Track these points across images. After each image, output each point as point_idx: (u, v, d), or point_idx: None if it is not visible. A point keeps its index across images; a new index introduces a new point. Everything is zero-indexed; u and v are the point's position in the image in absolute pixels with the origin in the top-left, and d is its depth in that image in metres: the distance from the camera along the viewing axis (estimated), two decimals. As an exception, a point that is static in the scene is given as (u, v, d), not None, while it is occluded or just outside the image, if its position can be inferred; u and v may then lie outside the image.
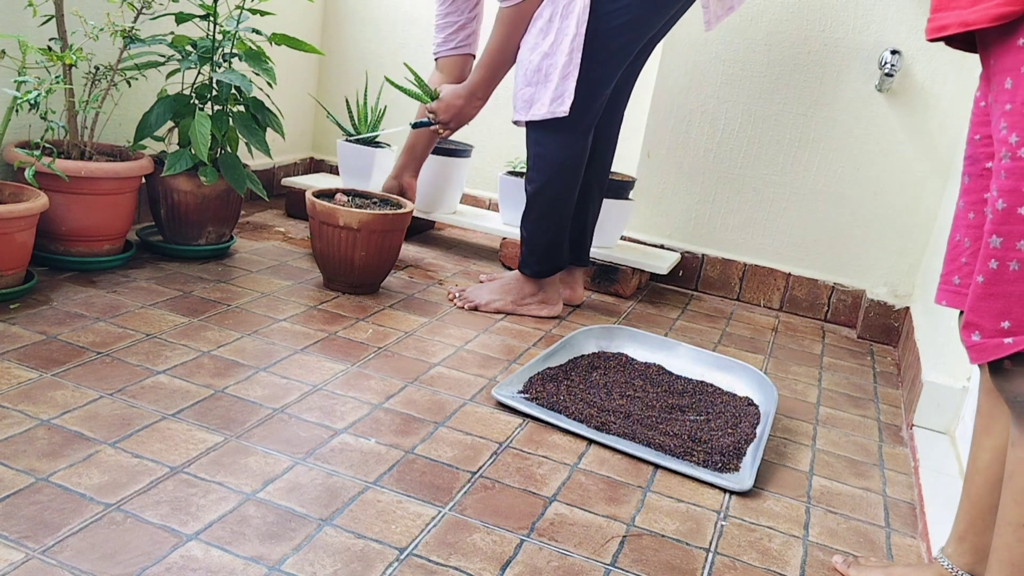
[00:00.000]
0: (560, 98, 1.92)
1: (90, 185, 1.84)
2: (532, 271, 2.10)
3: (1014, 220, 0.90)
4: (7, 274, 1.66)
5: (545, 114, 1.94)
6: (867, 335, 2.39)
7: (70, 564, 0.98)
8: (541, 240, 2.07)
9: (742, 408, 1.68)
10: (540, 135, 1.99)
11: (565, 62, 1.90)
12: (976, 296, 0.95)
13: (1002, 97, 0.92)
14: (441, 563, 1.09)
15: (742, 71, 2.43)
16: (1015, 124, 0.89)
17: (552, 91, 1.92)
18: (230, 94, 2.04)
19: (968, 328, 0.97)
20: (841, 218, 2.44)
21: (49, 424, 1.27)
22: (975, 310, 0.96)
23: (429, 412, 1.51)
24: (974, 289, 0.96)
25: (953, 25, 0.95)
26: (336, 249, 2.00)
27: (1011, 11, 0.88)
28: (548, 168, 2.00)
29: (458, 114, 2.10)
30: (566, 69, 1.91)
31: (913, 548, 1.32)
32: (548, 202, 2.03)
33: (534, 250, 2.09)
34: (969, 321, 0.97)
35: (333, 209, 1.97)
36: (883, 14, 2.29)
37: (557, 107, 1.93)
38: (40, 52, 1.74)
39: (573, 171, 2.02)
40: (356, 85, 2.97)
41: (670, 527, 1.27)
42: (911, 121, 2.33)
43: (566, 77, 1.91)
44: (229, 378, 1.51)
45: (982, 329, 0.95)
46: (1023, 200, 0.89)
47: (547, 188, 2.02)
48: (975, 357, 0.97)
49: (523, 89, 1.97)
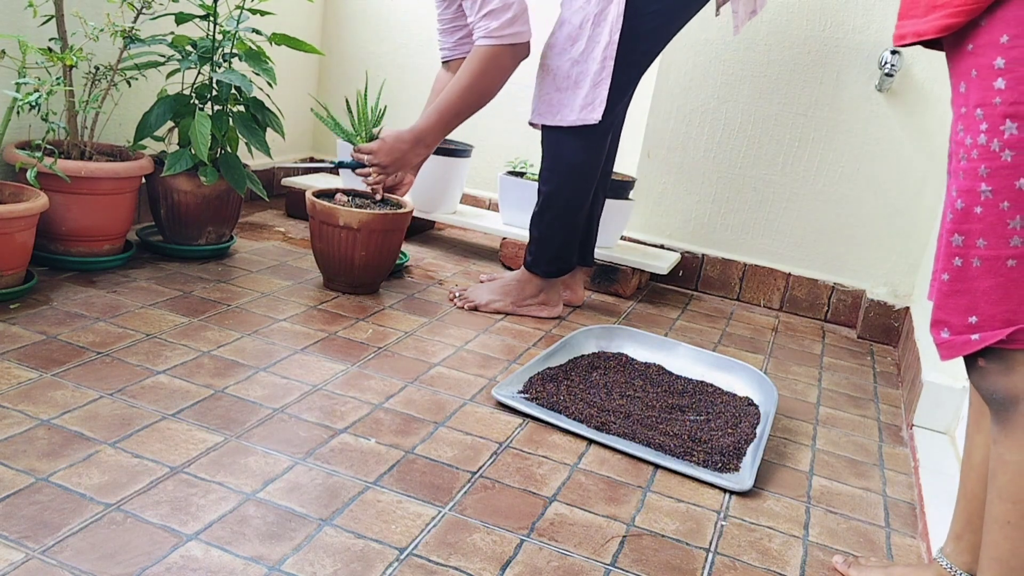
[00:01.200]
0: (591, 105, 1.90)
1: (90, 185, 1.84)
2: (542, 271, 2.09)
3: (972, 219, 0.93)
4: (7, 274, 1.66)
5: (575, 120, 1.92)
6: (867, 335, 2.39)
7: (70, 564, 0.98)
8: (554, 241, 2.06)
9: (742, 408, 1.68)
10: (561, 137, 1.97)
11: (597, 69, 1.88)
12: (942, 293, 0.97)
13: (958, 100, 0.95)
14: (441, 563, 1.09)
15: (742, 71, 2.43)
16: (969, 127, 0.92)
17: (582, 98, 1.90)
18: (230, 94, 2.04)
19: (937, 326, 0.98)
20: (841, 218, 2.44)
21: (49, 424, 1.27)
22: (942, 307, 0.97)
23: (429, 412, 1.51)
24: (940, 287, 0.97)
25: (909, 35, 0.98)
26: (336, 249, 2.00)
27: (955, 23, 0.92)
28: (566, 170, 1.99)
29: (399, 159, 2.00)
30: (598, 76, 1.88)
31: (913, 548, 1.32)
32: (564, 203, 2.02)
33: (546, 250, 2.07)
34: (937, 319, 0.98)
35: (333, 209, 1.96)
36: (883, 14, 2.29)
37: (588, 114, 1.90)
38: (40, 52, 1.74)
39: (590, 174, 2.01)
40: (356, 85, 2.97)
41: (670, 527, 1.27)
42: (911, 121, 2.33)
43: (597, 84, 1.89)
44: (229, 378, 1.51)
45: (950, 326, 0.96)
46: (979, 199, 0.91)
47: (563, 189, 2.00)
48: (945, 354, 0.98)
49: (551, 94, 1.95)
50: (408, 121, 2.25)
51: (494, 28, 1.88)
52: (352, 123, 2.17)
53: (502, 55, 1.90)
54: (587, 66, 1.89)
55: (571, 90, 1.92)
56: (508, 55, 1.90)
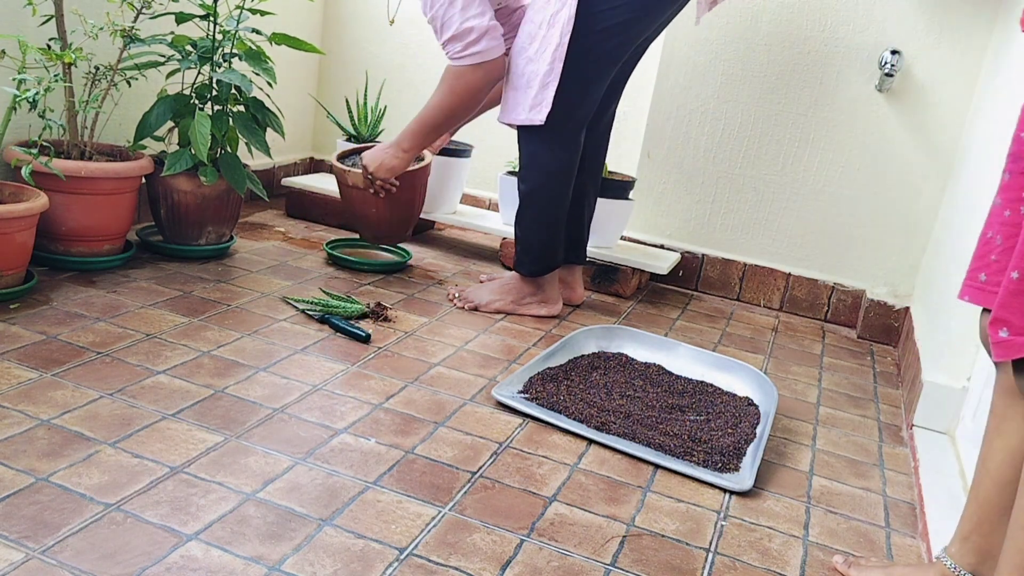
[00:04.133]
0: (538, 106, 1.92)
1: (90, 185, 1.84)
2: (527, 270, 2.10)
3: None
4: (7, 274, 1.66)
5: (523, 120, 1.94)
6: (867, 335, 2.39)
7: (70, 564, 0.98)
8: (535, 240, 2.07)
9: (742, 408, 1.68)
10: (530, 137, 1.99)
11: (546, 71, 1.89)
12: (1008, 292, 0.94)
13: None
14: (441, 563, 1.09)
15: (742, 71, 2.43)
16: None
17: (531, 98, 1.92)
18: (230, 94, 2.04)
19: (996, 324, 0.95)
20: (841, 218, 2.44)
21: (49, 424, 1.27)
22: (1006, 306, 0.94)
23: (429, 412, 1.51)
24: (1007, 285, 0.94)
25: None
26: (352, 205, 2.22)
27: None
28: (540, 170, 2.00)
29: (380, 165, 2.08)
30: (546, 78, 1.90)
31: (913, 548, 1.32)
32: (542, 202, 2.03)
33: (529, 250, 2.09)
34: (998, 317, 0.95)
35: (343, 170, 2.17)
36: (883, 14, 2.29)
37: (534, 115, 1.92)
38: (40, 51, 1.74)
39: (565, 174, 2.02)
40: (356, 85, 2.97)
41: (670, 527, 1.27)
42: (911, 121, 2.33)
43: (545, 86, 1.91)
44: (229, 378, 1.51)
45: (1011, 326, 0.94)
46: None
47: (541, 189, 2.02)
48: (1001, 354, 0.95)
49: (508, 92, 1.97)
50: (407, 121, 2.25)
51: (457, 51, 1.92)
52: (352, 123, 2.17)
53: (466, 74, 1.94)
54: (538, 66, 1.91)
55: (523, 89, 1.94)
56: (473, 74, 1.94)
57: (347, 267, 2.26)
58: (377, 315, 1.90)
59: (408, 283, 2.23)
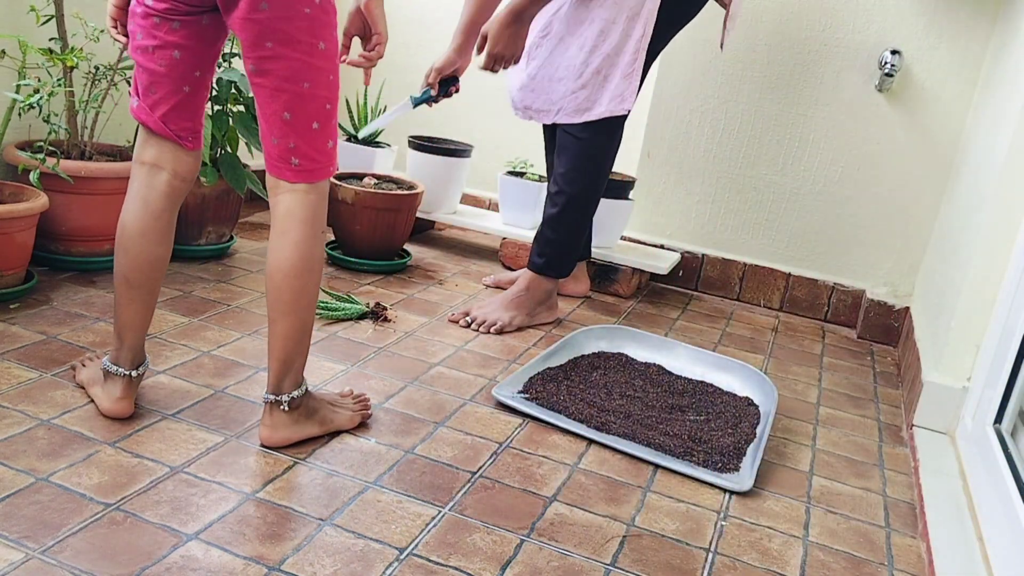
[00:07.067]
0: (620, 96, 1.94)
1: (90, 185, 1.84)
2: (557, 273, 2.06)
3: None
4: (7, 274, 1.66)
5: (603, 113, 1.94)
6: (867, 335, 2.39)
7: (70, 564, 0.98)
8: (575, 242, 2.06)
9: (742, 408, 1.68)
10: (594, 136, 1.97)
11: (629, 61, 1.92)
12: None
13: None
14: (441, 563, 1.09)
15: (742, 71, 2.43)
16: None
17: (611, 91, 1.93)
18: (230, 93, 2.04)
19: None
20: (841, 218, 2.44)
21: (49, 424, 1.27)
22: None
23: (429, 412, 1.51)
24: None
25: None
26: (337, 219, 2.25)
27: None
28: (595, 169, 2.00)
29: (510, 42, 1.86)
30: (628, 68, 1.93)
31: (913, 548, 1.32)
32: (587, 203, 2.03)
33: (569, 251, 2.06)
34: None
35: (335, 184, 2.23)
36: (883, 14, 2.30)
37: (616, 106, 1.94)
38: (40, 53, 1.74)
39: (611, 168, 2.06)
40: (356, 85, 2.97)
41: (670, 527, 1.27)
42: (911, 121, 2.33)
43: (627, 76, 1.93)
44: (229, 378, 1.51)
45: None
46: None
47: (589, 190, 2.01)
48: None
49: (577, 92, 1.95)
50: (407, 120, 2.25)
51: None
52: (352, 123, 2.17)
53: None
54: (619, 59, 1.92)
55: (601, 86, 1.94)
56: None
57: (347, 267, 2.26)
58: (377, 315, 1.90)
59: (408, 283, 2.23)
